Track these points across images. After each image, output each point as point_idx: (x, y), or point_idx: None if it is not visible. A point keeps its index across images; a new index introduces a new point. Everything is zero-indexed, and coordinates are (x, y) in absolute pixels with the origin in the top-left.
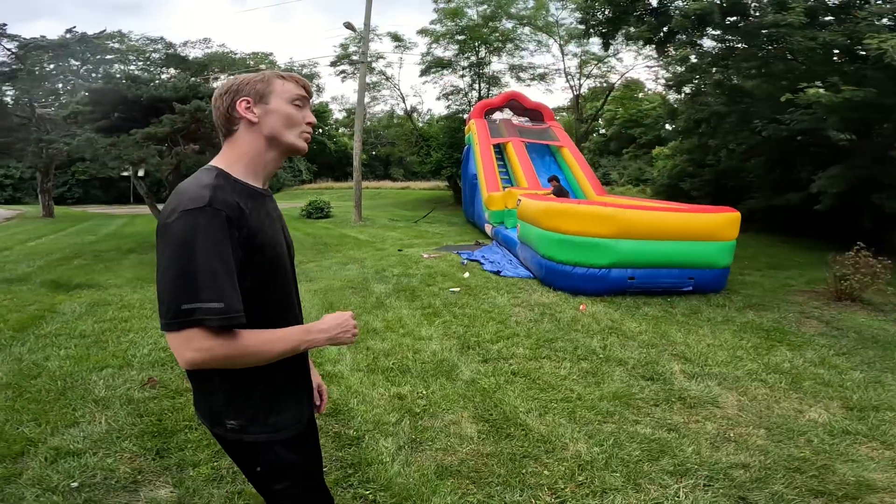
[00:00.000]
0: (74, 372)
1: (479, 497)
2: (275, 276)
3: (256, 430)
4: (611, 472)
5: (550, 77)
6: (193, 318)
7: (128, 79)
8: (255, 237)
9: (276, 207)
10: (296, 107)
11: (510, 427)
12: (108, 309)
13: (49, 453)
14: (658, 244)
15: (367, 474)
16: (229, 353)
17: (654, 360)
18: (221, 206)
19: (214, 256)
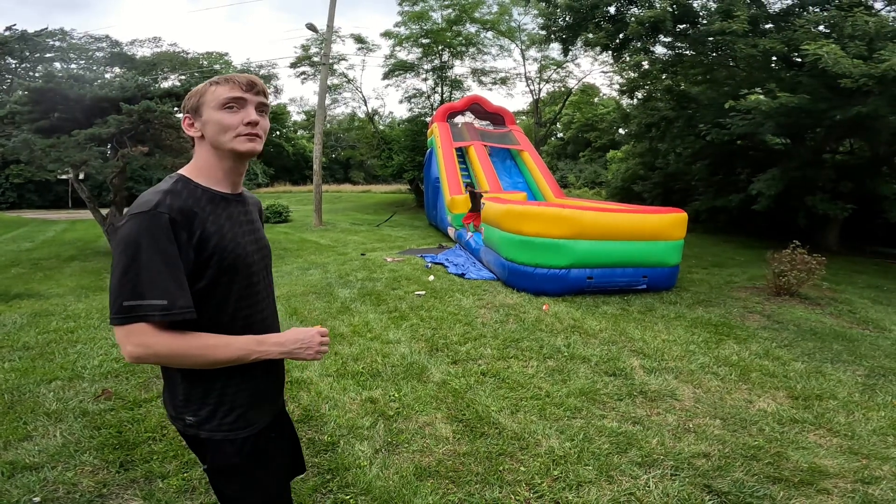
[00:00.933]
0: (21, 385)
1: (459, 496)
2: (234, 276)
3: (210, 428)
4: (584, 465)
5: (511, 81)
6: (135, 315)
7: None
8: (209, 240)
9: (248, 211)
10: (228, 110)
11: (484, 426)
12: (51, 319)
13: (5, 468)
14: (614, 244)
15: (346, 479)
16: (170, 352)
17: (615, 357)
18: (166, 209)
19: (158, 257)
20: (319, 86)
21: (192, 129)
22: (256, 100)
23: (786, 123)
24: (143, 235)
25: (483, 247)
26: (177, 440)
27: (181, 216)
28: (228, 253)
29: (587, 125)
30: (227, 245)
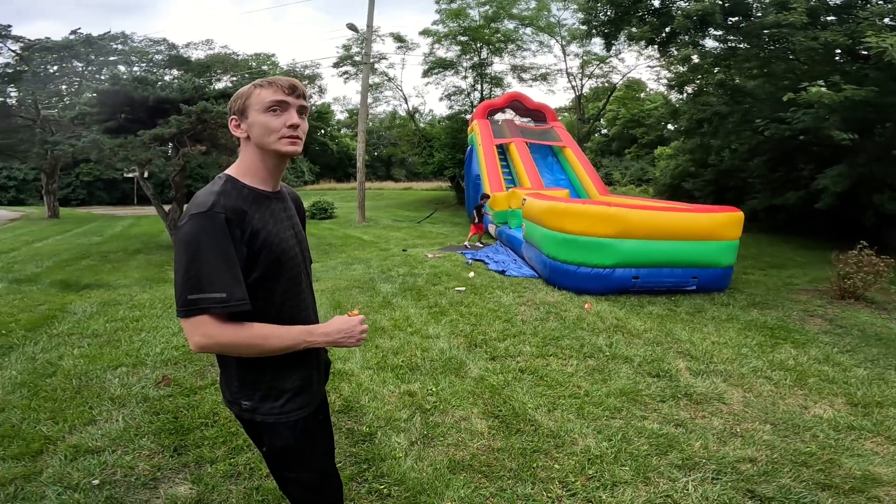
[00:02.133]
0: (89, 370)
1: (491, 490)
2: (281, 269)
3: (265, 411)
4: (620, 465)
5: (552, 77)
6: (199, 307)
7: (134, 80)
8: (258, 236)
9: (287, 207)
10: (272, 113)
11: (519, 423)
12: (118, 308)
13: (68, 451)
14: (661, 244)
15: (381, 469)
16: (231, 341)
17: (659, 358)
18: (222, 209)
19: (216, 253)
20: (361, 85)
21: (238, 131)
22: (298, 103)
23: (852, 118)
24: (202, 234)
25: (524, 243)
26: (227, 426)
27: (234, 215)
28: (274, 247)
29: (633, 121)
30: (273, 240)
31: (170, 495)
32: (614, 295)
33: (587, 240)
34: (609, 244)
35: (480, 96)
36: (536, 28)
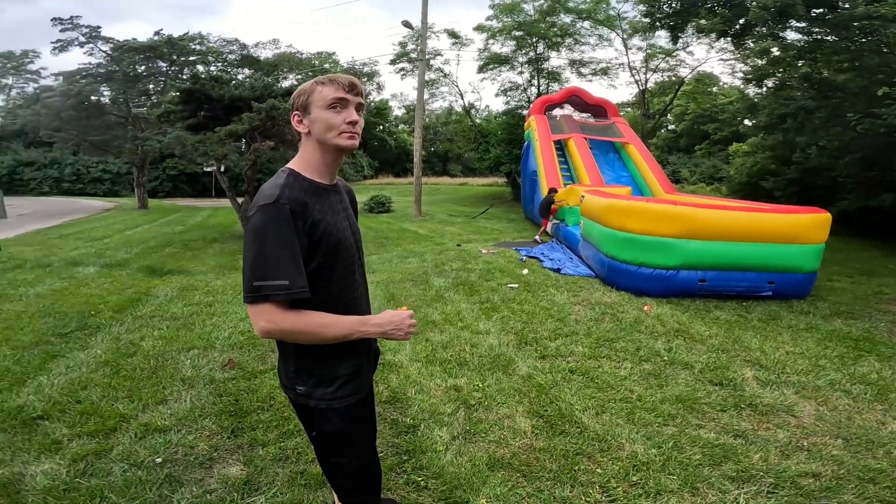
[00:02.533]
0: (165, 352)
1: (528, 490)
2: (337, 259)
3: (318, 397)
4: (667, 474)
5: (614, 72)
6: (262, 294)
7: (211, 79)
8: (318, 226)
9: (342, 199)
10: (333, 110)
11: (565, 424)
12: (195, 293)
13: (139, 429)
14: (734, 246)
15: (421, 461)
16: (292, 328)
17: (724, 366)
18: (287, 201)
19: (281, 243)
20: (417, 81)
21: (300, 126)
22: (356, 100)
23: None
24: (268, 225)
25: (581, 241)
26: (281, 411)
27: (297, 206)
28: (332, 237)
29: (704, 116)
30: (331, 230)
31: (222, 475)
32: (678, 298)
33: (649, 239)
34: (674, 244)
35: (537, 91)
36: (595, 21)
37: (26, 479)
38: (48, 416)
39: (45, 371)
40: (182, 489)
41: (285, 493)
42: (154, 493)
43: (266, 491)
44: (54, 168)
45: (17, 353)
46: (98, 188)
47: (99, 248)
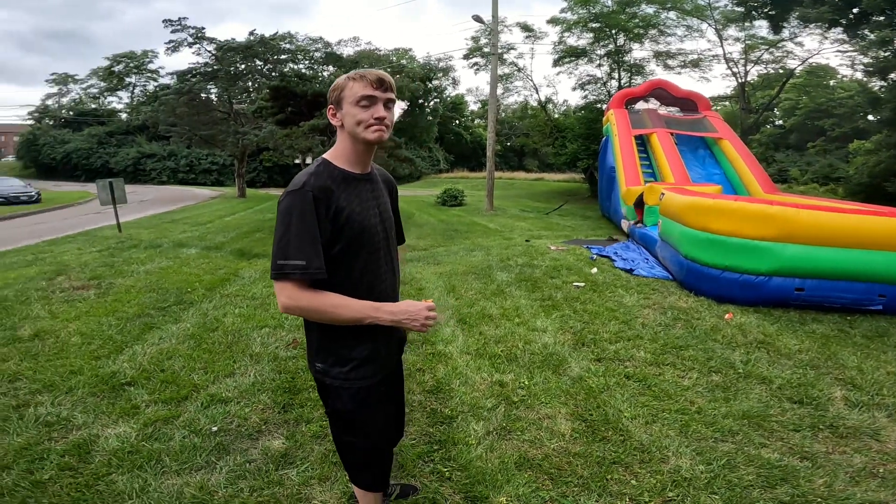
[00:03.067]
0: (241, 328)
1: (552, 494)
2: (361, 245)
3: (333, 375)
4: (710, 493)
5: (706, 64)
6: (283, 272)
7: (296, 76)
8: (341, 213)
9: (375, 188)
10: (362, 107)
11: (608, 430)
12: None
13: (206, 399)
14: (840, 252)
15: (450, 453)
16: (308, 305)
17: (809, 383)
18: (311, 188)
19: (302, 226)
20: (490, 76)
21: (334, 119)
22: (385, 96)
23: None
24: (294, 209)
25: (659, 241)
26: None
27: (321, 193)
28: (356, 224)
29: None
30: (355, 217)
31: (265, 447)
32: (767, 307)
33: (738, 241)
34: (767, 248)
35: (618, 85)
36: (681, 12)
37: (100, 441)
38: (134, 383)
39: (142, 341)
40: (227, 457)
41: (316, 468)
42: (203, 459)
43: (299, 465)
44: (171, 160)
45: (121, 324)
46: (207, 178)
47: (202, 232)
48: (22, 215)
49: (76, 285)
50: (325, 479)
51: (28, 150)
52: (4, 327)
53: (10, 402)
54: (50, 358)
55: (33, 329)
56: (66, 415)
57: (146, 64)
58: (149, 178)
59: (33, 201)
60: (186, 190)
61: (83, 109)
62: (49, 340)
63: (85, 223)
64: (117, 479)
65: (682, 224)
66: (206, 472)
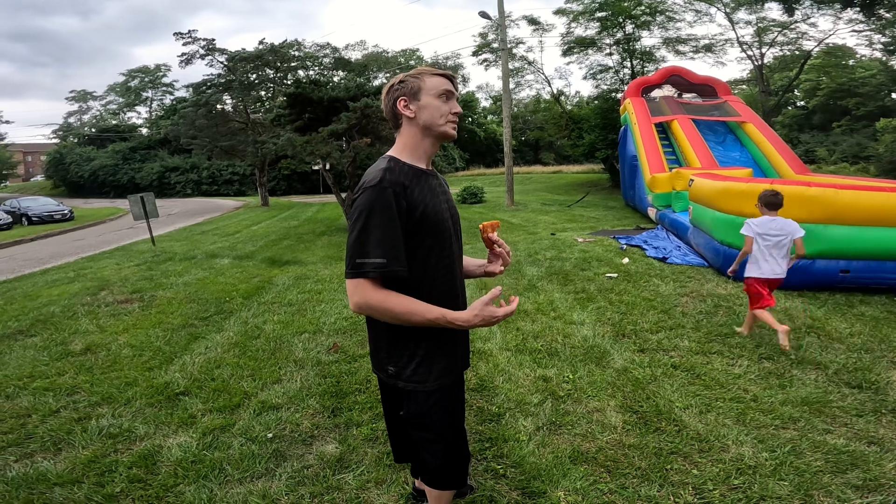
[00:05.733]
0: (283, 335)
1: (611, 486)
2: (437, 239)
3: (405, 378)
4: (777, 479)
5: (720, 48)
6: (361, 271)
7: (311, 83)
8: (417, 208)
9: (441, 184)
10: (442, 100)
11: (661, 421)
12: (307, 282)
13: (257, 406)
14: (886, 232)
15: (502, 450)
16: (381, 306)
17: (865, 367)
18: (389, 184)
19: (382, 223)
20: (501, 71)
21: (407, 111)
22: (456, 94)
23: None
24: (373, 205)
25: (691, 228)
26: (375, 393)
27: (399, 188)
28: (430, 218)
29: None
30: (430, 211)
31: (320, 452)
32: (812, 291)
33: None
34: (809, 230)
35: (631, 73)
36: None
37: (163, 452)
38: (188, 392)
39: (189, 351)
40: (285, 464)
41: (371, 471)
42: (262, 466)
43: (355, 469)
44: (194, 172)
45: (167, 335)
46: (230, 189)
47: (232, 242)
48: (59, 233)
49: (119, 299)
50: (381, 482)
51: (56, 169)
52: (56, 342)
53: (71, 416)
54: (104, 370)
55: (84, 343)
56: (127, 426)
57: (160, 78)
58: (174, 191)
59: (67, 219)
60: (211, 201)
61: (105, 126)
62: (101, 353)
63: (120, 238)
64: (185, 490)
65: (715, 209)
66: (267, 479)
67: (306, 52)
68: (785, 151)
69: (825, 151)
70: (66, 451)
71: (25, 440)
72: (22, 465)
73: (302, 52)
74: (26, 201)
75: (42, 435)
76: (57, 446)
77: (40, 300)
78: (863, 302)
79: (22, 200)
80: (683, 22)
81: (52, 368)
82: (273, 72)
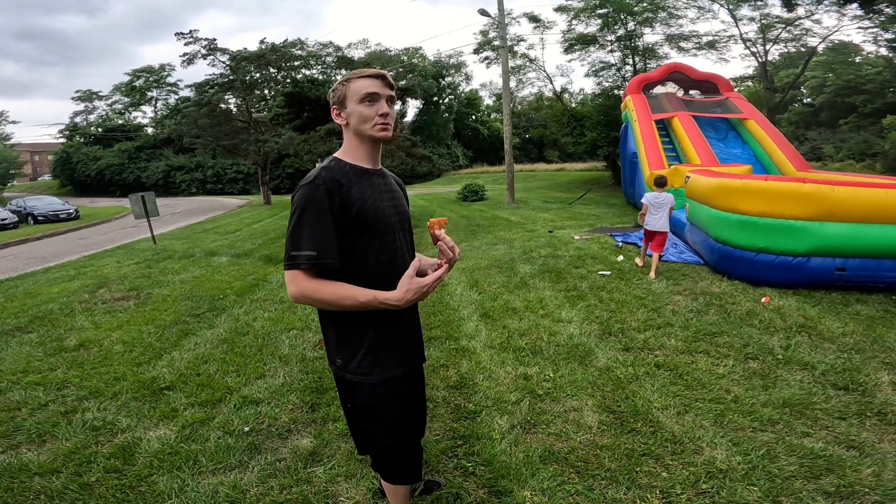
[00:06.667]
0: (271, 332)
1: (577, 487)
2: (377, 234)
3: (351, 370)
4: (748, 484)
5: (723, 45)
6: (295, 262)
7: (308, 81)
8: (353, 205)
9: (387, 182)
10: (366, 104)
11: (637, 422)
12: None
13: (238, 401)
14: (885, 229)
15: (474, 448)
16: (314, 295)
17: (855, 368)
18: (323, 181)
19: (314, 218)
20: (502, 68)
21: (339, 119)
22: (387, 93)
23: None
24: (306, 202)
25: (688, 225)
26: None
27: (333, 185)
28: (370, 214)
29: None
30: (368, 207)
31: (294, 446)
32: (807, 289)
33: (773, 222)
34: (804, 228)
35: (633, 70)
36: None
37: (142, 444)
38: (173, 387)
39: (179, 347)
40: (259, 456)
41: (342, 465)
42: (236, 458)
43: (326, 462)
44: (199, 171)
45: (159, 331)
46: (234, 187)
47: (231, 241)
48: (64, 232)
49: (117, 296)
50: (351, 476)
51: (63, 169)
52: (51, 338)
53: (58, 409)
54: (95, 366)
55: (78, 339)
56: (111, 419)
57: (165, 77)
58: (179, 189)
59: (72, 218)
60: (215, 200)
61: (111, 125)
62: (93, 349)
63: (123, 237)
64: (158, 480)
65: (710, 206)
66: (240, 471)
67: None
68: (787, 148)
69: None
70: (49, 443)
71: (13, 432)
72: (7, 455)
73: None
74: (32, 201)
75: (29, 427)
76: (42, 438)
77: (40, 297)
78: (859, 301)
79: (27, 200)
80: (686, 18)
81: (45, 364)
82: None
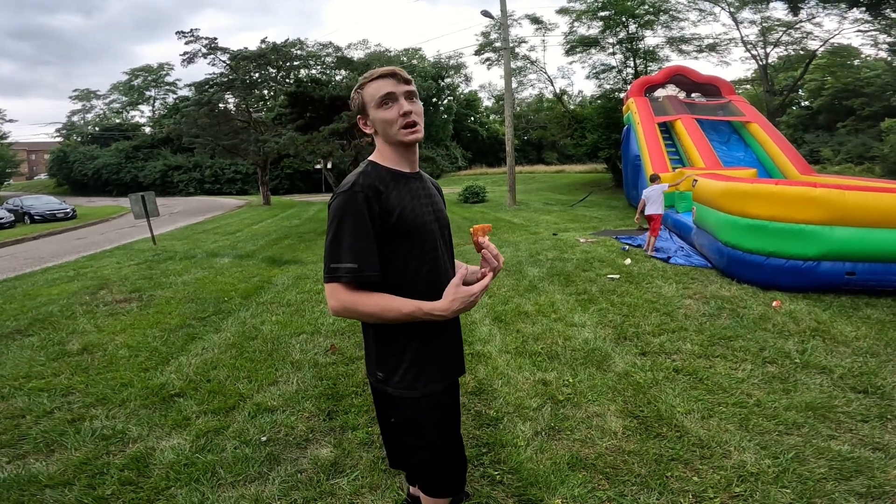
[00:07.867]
0: (280, 336)
1: (609, 494)
2: (418, 241)
3: (393, 384)
4: (780, 487)
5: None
6: (335, 275)
7: (312, 82)
8: (393, 211)
9: (426, 186)
10: (385, 107)
11: (662, 427)
12: (306, 282)
13: (252, 409)
14: (894, 234)
15: (500, 455)
16: (356, 307)
17: (871, 371)
18: (361, 188)
19: (354, 227)
20: (504, 70)
21: (367, 128)
22: (403, 89)
23: None
24: (345, 210)
25: (695, 229)
26: (371, 396)
27: (371, 192)
28: (409, 221)
29: (847, 91)
30: (408, 214)
31: (314, 456)
32: (816, 293)
33: (783, 226)
34: (814, 232)
35: (634, 72)
36: None
37: (156, 454)
38: (183, 394)
39: (186, 352)
40: (278, 467)
41: (366, 476)
42: (255, 470)
43: (349, 473)
44: (197, 171)
45: (164, 335)
46: (232, 188)
47: (232, 241)
48: (61, 231)
49: (118, 298)
50: (375, 488)
51: (60, 168)
52: (53, 342)
53: (65, 417)
54: (100, 371)
55: (81, 343)
56: (121, 428)
57: (163, 77)
58: (176, 189)
59: (69, 218)
60: (213, 200)
61: (108, 125)
62: (97, 354)
63: (121, 237)
64: (176, 494)
65: (718, 210)
66: (260, 483)
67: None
68: (790, 151)
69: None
70: (58, 453)
71: (19, 441)
72: (14, 466)
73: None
74: (29, 200)
75: (35, 436)
76: (50, 448)
77: (39, 299)
78: (869, 304)
79: (24, 199)
80: (687, 21)
81: (48, 369)
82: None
